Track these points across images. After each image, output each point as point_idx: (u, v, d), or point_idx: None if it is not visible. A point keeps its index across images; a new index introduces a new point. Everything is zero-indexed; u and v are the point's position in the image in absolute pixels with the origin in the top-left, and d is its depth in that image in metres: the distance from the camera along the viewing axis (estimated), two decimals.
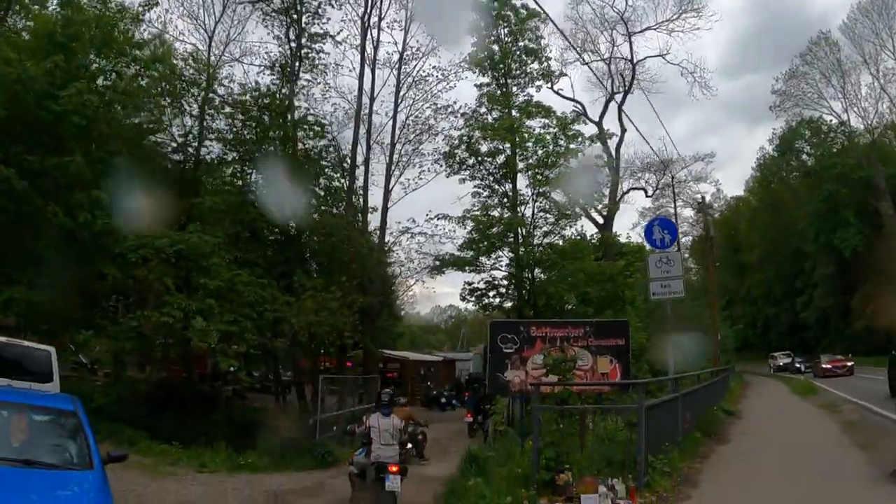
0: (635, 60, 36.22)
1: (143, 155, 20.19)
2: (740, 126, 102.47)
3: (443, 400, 31.84)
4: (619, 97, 36.24)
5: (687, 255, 49.30)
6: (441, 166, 26.59)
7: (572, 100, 34.95)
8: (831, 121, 52.91)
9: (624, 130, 35.90)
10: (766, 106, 61.82)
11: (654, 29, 36.49)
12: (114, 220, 16.46)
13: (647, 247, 20.12)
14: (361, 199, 25.66)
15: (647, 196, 41.78)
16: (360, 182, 25.63)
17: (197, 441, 16.19)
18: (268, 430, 17.98)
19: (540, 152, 24.81)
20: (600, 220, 34.14)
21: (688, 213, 47.32)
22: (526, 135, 24.40)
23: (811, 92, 50.74)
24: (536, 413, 9.58)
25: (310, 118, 23.99)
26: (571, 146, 24.80)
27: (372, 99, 26.47)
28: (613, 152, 35.74)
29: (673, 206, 44.40)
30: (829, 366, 36.13)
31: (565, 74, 33.43)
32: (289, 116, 23.02)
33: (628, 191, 40.28)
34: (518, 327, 14.44)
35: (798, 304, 58.99)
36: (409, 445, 13.40)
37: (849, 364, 35.97)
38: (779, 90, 52.70)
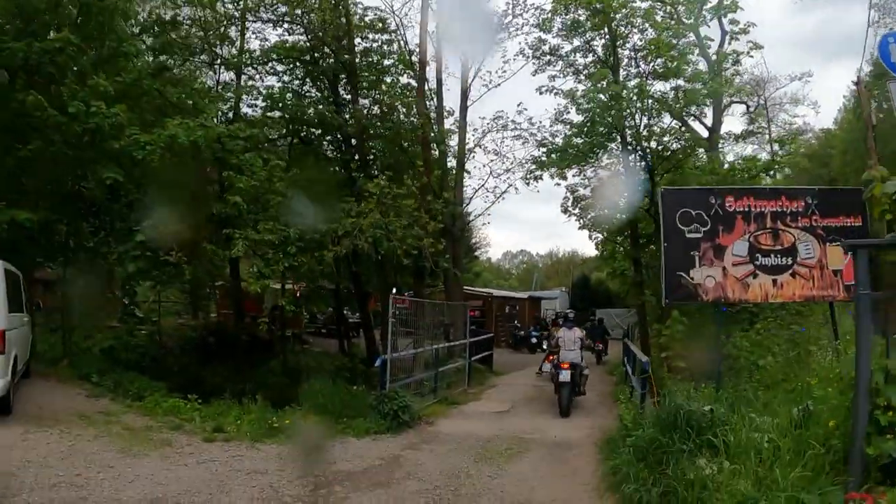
0: None
1: (165, 47, 14.59)
2: (814, 65, 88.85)
3: (533, 340, 25.86)
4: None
5: None
6: (527, 58, 19.81)
7: None
8: None
9: (725, 33, 27.75)
10: (838, 43, 51.14)
11: None
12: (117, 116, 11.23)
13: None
14: (435, 99, 19.21)
15: (748, 111, 33.53)
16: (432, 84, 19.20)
17: (233, 394, 11.67)
18: (324, 378, 12.53)
19: (651, 31, 17.41)
20: (705, 133, 26.56)
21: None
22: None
23: None
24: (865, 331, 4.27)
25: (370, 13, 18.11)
26: (687, 22, 17.26)
27: None
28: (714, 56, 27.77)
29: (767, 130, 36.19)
30: None
31: None
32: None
33: (730, 104, 32.10)
34: (707, 197, 8.29)
35: None
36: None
37: None
38: (876, 2, 42.94)
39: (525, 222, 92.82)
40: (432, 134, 17.60)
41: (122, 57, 12.83)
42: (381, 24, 18.39)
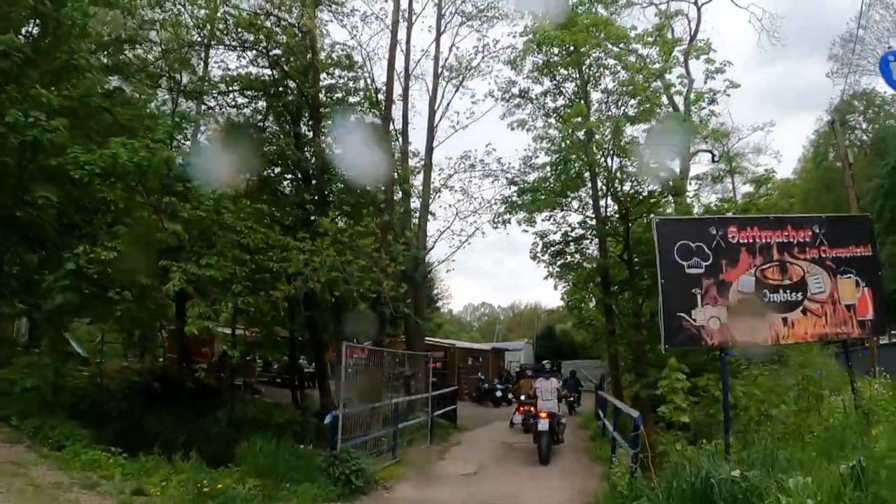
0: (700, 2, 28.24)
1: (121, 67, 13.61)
2: (772, 116, 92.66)
3: (497, 394, 24.39)
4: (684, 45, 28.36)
5: None
6: (496, 100, 19.22)
7: None
8: (885, 92, 45.26)
9: (691, 81, 28.04)
10: (794, 97, 53.46)
11: None
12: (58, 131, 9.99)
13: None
14: (401, 140, 18.27)
15: (713, 161, 33.86)
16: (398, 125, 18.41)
17: (170, 446, 9.88)
18: (268, 435, 10.88)
19: (623, 74, 16.89)
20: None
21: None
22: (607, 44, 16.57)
23: (868, 56, 43.06)
24: None
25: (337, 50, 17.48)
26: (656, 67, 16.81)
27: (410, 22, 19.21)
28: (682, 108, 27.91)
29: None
30: None
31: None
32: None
33: (696, 153, 32.38)
34: (707, 228, 7.28)
35: None
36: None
37: None
38: (835, 55, 45.10)
39: (488, 275, 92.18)
40: (395, 174, 16.48)
41: (73, 70, 11.55)
42: (347, 61, 17.54)
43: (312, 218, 15.00)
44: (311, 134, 17.08)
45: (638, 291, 15.84)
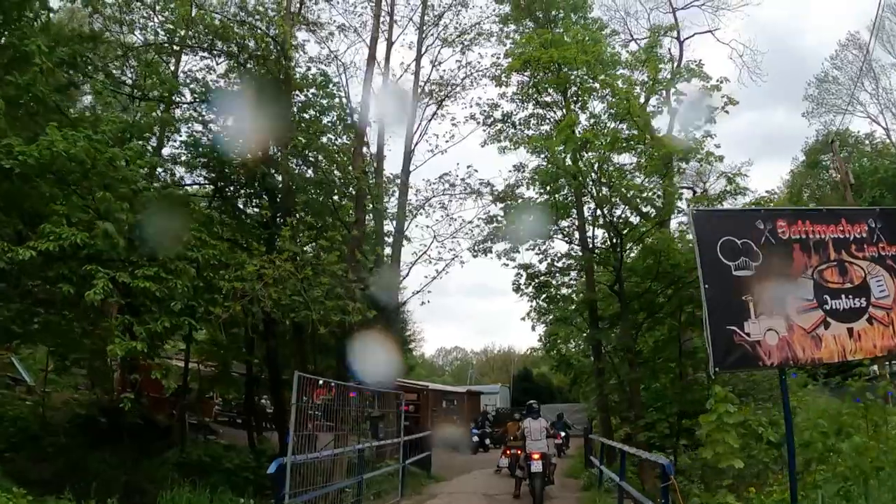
0: (682, 37, 27.92)
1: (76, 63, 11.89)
2: (740, 160, 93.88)
3: (474, 439, 22.28)
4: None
5: None
6: (478, 123, 18.06)
7: None
8: (858, 131, 45.94)
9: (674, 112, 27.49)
10: (764, 142, 54.01)
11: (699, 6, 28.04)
12: None
13: None
14: (375, 163, 16.81)
15: (694, 195, 33.17)
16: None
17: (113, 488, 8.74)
18: (217, 480, 8.96)
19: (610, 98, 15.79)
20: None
21: None
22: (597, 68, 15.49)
23: (843, 96, 43.73)
24: None
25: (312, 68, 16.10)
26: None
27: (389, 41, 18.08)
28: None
29: None
30: None
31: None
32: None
33: (681, 189, 31.70)
34: (754, 222, 5.80)
35: None
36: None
37: None
38: (810, 95, 45.76)
39: (461, 319, 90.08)
40: (368, 191, 14.81)
41: (22, 57, 9.86)
42: (323, 79, 16.07)
43: (276, 239, 13.27)
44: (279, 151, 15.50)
45: (631, 325, 14.31)
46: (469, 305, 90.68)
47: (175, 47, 14.74)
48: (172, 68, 15.51)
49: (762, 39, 68.11)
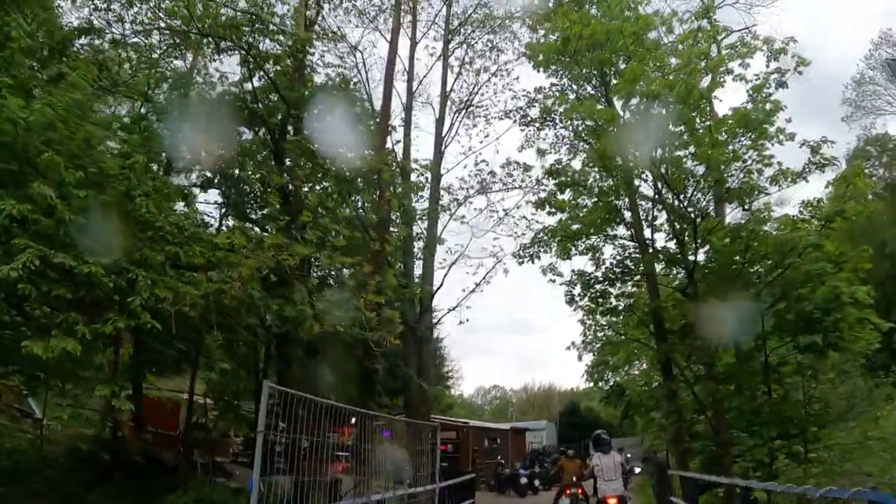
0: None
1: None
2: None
3: (523, 480, 19.38)
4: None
5: None
6: (514, 122, 16.21)
7: None
8: None
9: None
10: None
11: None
12: None
13: None
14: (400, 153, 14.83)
15: (743, 208, 30.47)
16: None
17: None
18: None
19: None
20: None
21: None
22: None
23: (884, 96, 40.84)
24: None
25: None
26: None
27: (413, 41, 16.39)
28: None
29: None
30: None
31: None
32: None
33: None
34: None
35: None
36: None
37: None
38: (848, 99, 43.02)
39: (498, 356, 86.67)
40: (393, 189, 12.64)
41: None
42: (342, 84, 14.24)
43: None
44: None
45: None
46: (506, 342, 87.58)
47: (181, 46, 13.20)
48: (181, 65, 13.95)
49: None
